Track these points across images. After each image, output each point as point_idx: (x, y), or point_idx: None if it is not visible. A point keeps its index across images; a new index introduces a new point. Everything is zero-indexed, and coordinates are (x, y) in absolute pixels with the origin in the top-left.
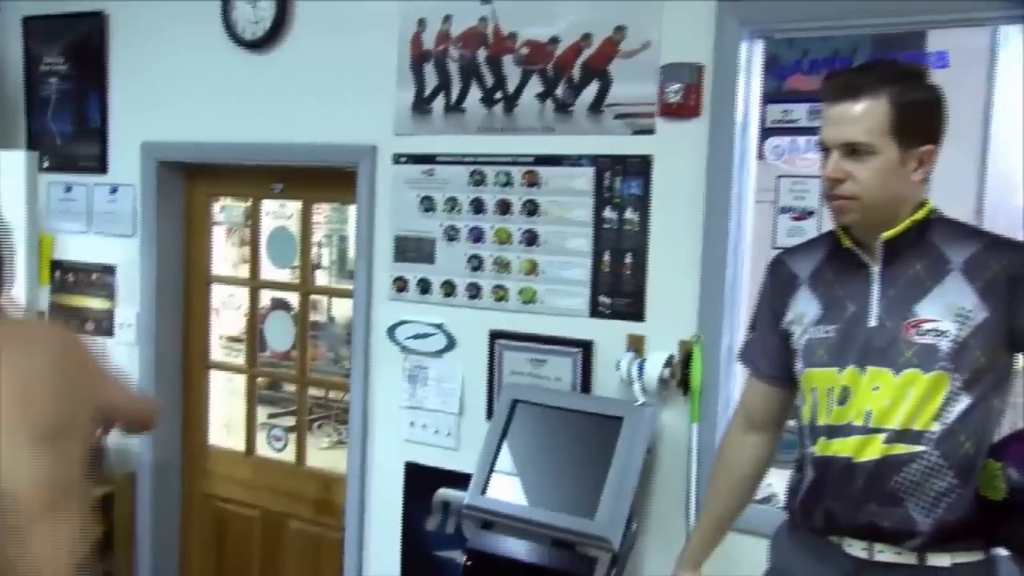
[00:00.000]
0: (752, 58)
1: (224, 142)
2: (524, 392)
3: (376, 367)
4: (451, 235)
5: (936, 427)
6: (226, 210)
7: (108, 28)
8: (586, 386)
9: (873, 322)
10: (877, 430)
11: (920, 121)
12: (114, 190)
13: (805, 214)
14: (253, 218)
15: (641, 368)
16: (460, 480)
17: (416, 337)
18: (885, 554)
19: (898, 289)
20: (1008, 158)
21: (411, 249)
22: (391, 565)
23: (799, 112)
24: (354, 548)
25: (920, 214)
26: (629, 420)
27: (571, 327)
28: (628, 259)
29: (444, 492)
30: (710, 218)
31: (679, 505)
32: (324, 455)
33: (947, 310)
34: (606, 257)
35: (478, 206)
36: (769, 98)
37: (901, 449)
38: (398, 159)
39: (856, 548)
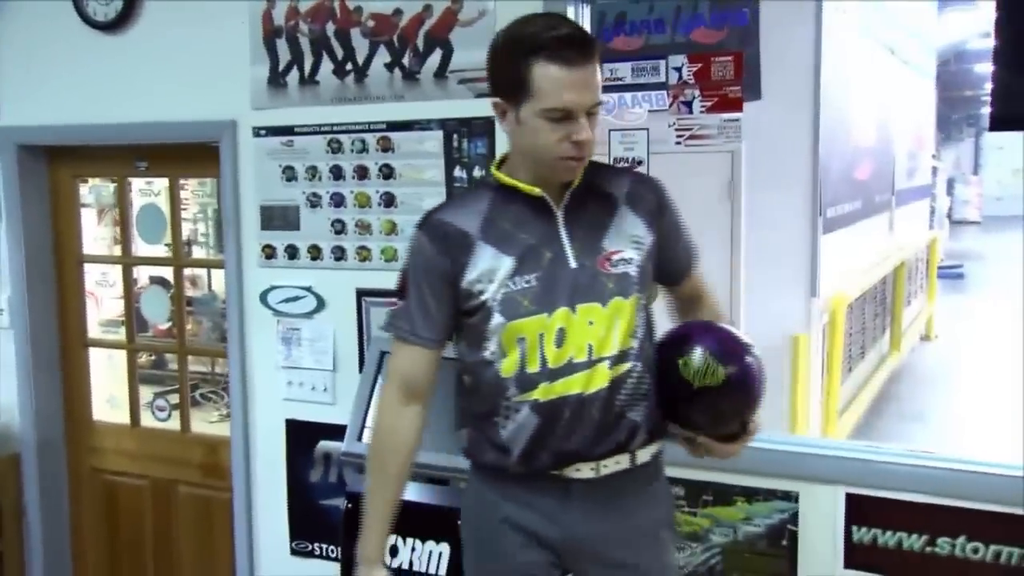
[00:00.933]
0: (579, 22)
1: (85, 123)
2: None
3: (251, 332)
4: (314, 202)
5: (634, 342)
6: (94, 190)
7: None
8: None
9: (573, 264)
10: (600, 359)
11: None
12: None
13: (636, 163)
14: (121, 197)
15: None
16: (339, 432)
17: (287, 301)
18: (608, 467)
19: (584, 229)
20: (837, 108)
21: (277, 217)
22: (279, 518)
23: (624, 71)
24: (243, 507)
25: None
26: None
27: None
28: None
29: (324, 444)
30: None
31: None
32: (213, 428)
33: (627, 240)
34: None
35: (337, 173)
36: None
37: (621, 369)
38: (258, 132)
39: (585, 471)
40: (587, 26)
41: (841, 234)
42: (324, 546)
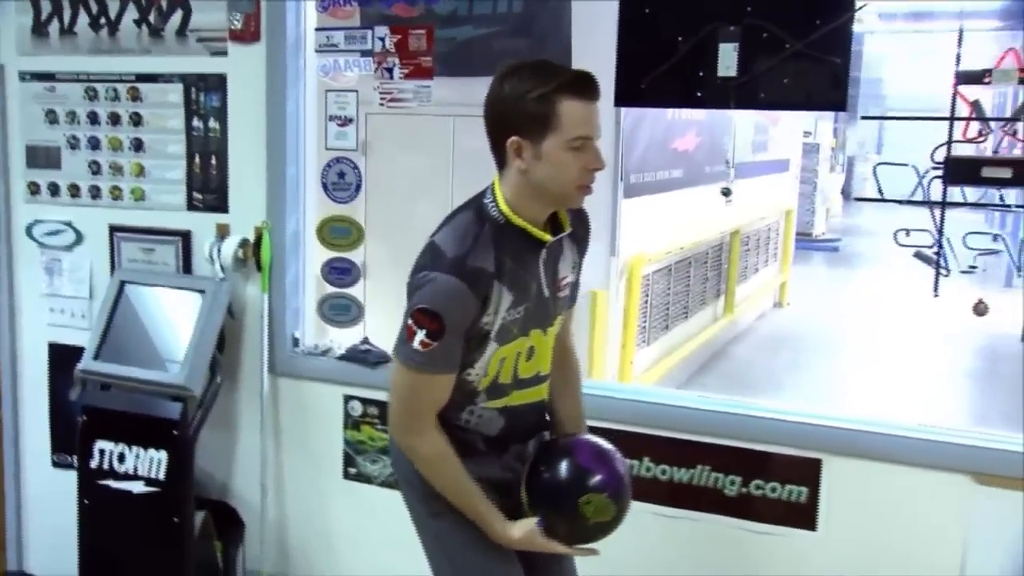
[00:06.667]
0: None
1: None
2: (131, 275)
3: (18, 262)
4: (73, 144)
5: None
6: None
7: None
8: (188, 268)
9: (547, 292)
10: (546, 376)
11: None
12: None
13: (347, 121)
14: None
15: (220, 250)
16: None
17: (50, 234)
18: None
19: (551, 260)
20: None
21: (40, 157)
22: (42, 435)
23: (338, 37)
24: (10, 424)
25: None
26: (209, 292)
27: (173, 220)
28: (213, 161)
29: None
30: (271, 125)
31: (258, 357)
32: None
33: (570, 265)
34: (197, 160)
35: (93, 118)
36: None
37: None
38: (23, 77)
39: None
40: None
41: (651, 199)
42: None
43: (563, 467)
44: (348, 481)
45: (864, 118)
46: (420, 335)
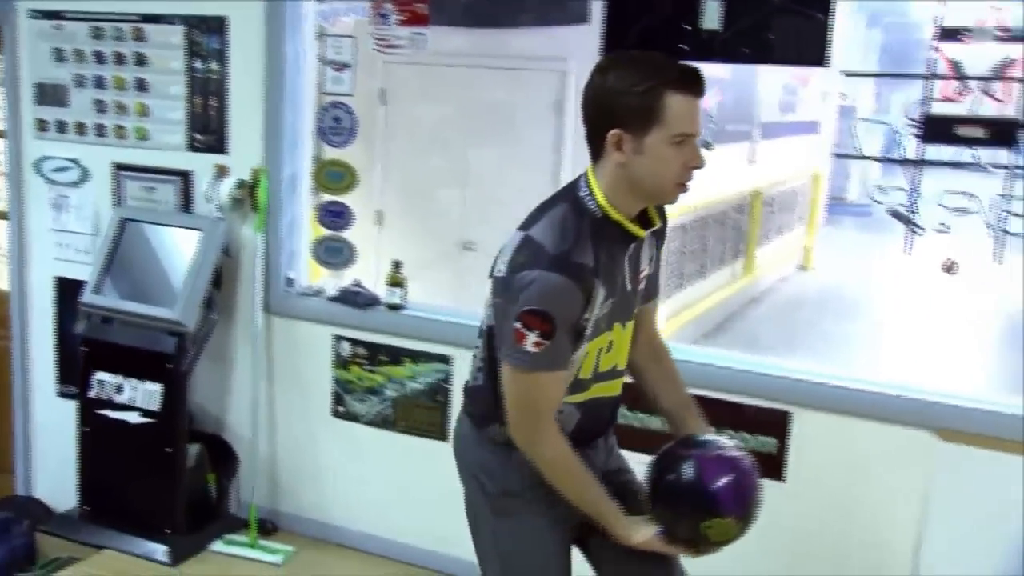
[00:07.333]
0: None
1: None
2: (132, 212)
3: (27, 197)
4: (80, 82)
5: None
6: None
7: None
8: (187, 207)
9: (629, 286)
10: (624, 371)
11: None
12: None
13: (343, 66)
14: None
15: (218, 190)
16: None
17: (57, 170)
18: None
19: (635, 251)
20: None
21: (48, 94)
22: (49, 365)
23: None
24: (19, 354)
25: None
26: (206, 230)
27: (174, 159)
28: (214, 102)
29: None
30: (270, 69)
31: (253, 296)
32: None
33: (648, 258)
34: (198, 100)
35: (99, 57)
36: None
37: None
38: (32, 14)
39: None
40: None
41: None
42: None
43: (690, 484)
44: (336, 419)
45: (845, 73)
46: (532, 337)
